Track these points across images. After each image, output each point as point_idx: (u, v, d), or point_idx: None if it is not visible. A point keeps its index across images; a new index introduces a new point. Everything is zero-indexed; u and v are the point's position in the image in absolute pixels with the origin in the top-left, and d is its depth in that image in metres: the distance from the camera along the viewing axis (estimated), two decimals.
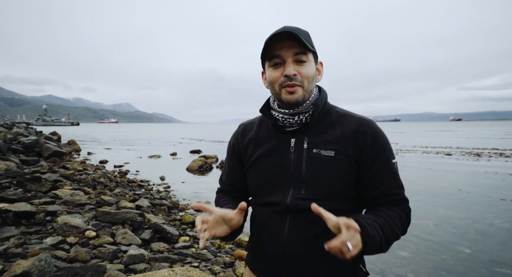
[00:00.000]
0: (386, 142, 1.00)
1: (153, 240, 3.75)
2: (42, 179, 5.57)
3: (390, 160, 0.98)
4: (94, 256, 2.98)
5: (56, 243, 3.14)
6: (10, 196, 4.38)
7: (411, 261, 3.62)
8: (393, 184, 0.97)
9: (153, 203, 5.57)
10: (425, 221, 5.09)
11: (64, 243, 3.23)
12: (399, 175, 1.00)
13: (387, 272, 3.35)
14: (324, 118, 1.01)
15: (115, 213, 4.17)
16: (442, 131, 47.76)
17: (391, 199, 0.97)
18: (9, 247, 2.87)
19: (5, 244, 2.97)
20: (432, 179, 8.92)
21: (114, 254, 3.06)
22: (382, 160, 0.97)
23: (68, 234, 3.45)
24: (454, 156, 14.38)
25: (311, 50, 0.95)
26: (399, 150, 17.75)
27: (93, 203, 4.99)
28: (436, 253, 3.84)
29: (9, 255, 2.69)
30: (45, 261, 2.37)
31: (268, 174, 1.00)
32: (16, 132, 14.58)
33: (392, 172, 0.98)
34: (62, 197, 5.02)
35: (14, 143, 10.72)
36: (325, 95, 1.05)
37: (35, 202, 4.39)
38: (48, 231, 3.57)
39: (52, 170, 7.64)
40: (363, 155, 0.96)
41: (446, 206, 5.95)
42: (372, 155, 0.96)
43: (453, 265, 3.52)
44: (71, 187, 5.92)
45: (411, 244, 4.10)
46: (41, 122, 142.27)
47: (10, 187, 4.94)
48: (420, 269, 3.41)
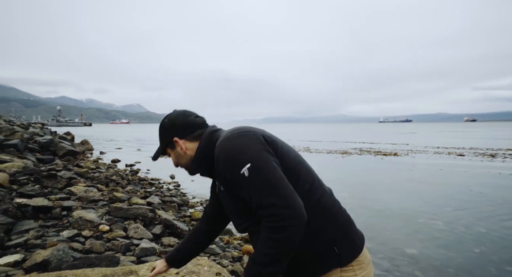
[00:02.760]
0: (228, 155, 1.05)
1: (163, 235, 3.86)
2: (58, 176, 5.78)
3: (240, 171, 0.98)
4: (108, 249, 3.10)
5: (72, 236, 3.28)
6: (29, 191, 4.57)
7: (418, 259, 3.62)
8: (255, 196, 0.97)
9: (163, 200, 5.70)
10: (434, 220, 5.06)
11: (79, 236, 3.37)
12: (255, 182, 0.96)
13: (393, 270, 3.36)
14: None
15: (127, 208, 4.30)
16: (455, 132, 46.76)
17: (259, 215, 0.97)
18: (29, 239, 3.01)
19: (25, 236, 3.12)
20: (443, 179, 8.80)
21: (127, 247, 3.18)
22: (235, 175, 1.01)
23: (83, 228, 3.59)
24: (467, 157, 14.10)
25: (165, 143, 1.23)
26: (409, 150, 17.52)
27: (106, 199, 5.15)
28: (444, 252, 3.82)
29: (29, 245, 2.83)
30: (63, 251, 2.49)
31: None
32: (32, 132, 15.02)
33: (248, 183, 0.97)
34: (77, 193, 5.19)
35: (31, 143, 11.06)
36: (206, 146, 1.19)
37: (52, 197, 4.56)
38: (64, 225, 3.72)
39: (66, 168, 7.88)
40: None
41: (457, 206, 5.89)
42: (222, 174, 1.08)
43: (461, 263, 3.51)
44: (85, 184, 6.10)
45: (418, 242, 4.10)
46: (55, 123, 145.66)
47: (28, 184, 5.14)
48: (428, 267, 3.41)
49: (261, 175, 0.95)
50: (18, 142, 9.33)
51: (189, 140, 1.18)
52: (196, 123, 1.20)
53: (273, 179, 0.94)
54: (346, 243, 1.07)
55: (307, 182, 1.08)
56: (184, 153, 1.19)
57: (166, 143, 1.21)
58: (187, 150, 1.18)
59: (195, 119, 1.21)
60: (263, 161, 0.97)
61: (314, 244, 1.04)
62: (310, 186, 1.07)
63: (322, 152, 17.39)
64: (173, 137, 1.18)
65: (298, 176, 1.06)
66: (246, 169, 0.95)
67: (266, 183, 0.94)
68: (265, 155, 0.99)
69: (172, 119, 1.20)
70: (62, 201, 4.51)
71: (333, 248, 1.04)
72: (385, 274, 3.26)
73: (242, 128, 1.10)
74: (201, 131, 1.19)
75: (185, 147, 1.18)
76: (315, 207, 1.04)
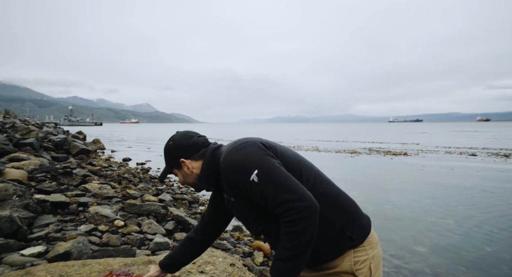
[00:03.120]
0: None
1: (176, 231, 3.97)
2: (73, 174, 5.96)
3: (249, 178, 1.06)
4: (123, 242, 3.22)
5: (89, 230, 3.41)
6: (46, 188, 4.75)
7: (428, 256, 3.63)
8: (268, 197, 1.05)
9: (174, 198, 5.82)
10: (445, 219, 5.03)
11: (96, 230, 3.49)
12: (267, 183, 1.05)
13: (402, 267, 3.38)
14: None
15: (141, 205, 4.43)
16: (468, 131, 45.87)
17: (276, 214, 1.05)
18: (49, 232, 3.15)
19: (45, 229, 3.26)
20: (454, 179, 8.70)
21: (142, 241, 3.29)
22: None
23: (99, 223, 3.72)
24: (479, 157, 13.87)
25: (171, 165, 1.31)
26: (420, 150, 17.31)
27: (119, 196, 5.29)
28: (455, 250, 3.82)
29: (50, 238, 2.97)
30: (82, 244, 2.61)
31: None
32: (46, 131, 15.42)
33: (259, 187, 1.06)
34: (91, 190, 5.35)
35: (45, 141, 11.37)
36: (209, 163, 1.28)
37: (68, 194, 4.72)
38: (81, 220, 3.85)
39: (80, 166, 8.09)
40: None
41: (468, 206, 5.83)
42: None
43: (472, 261, 3.50)
44: (99, 182, 6.27)
45: (429, 241, 4.10)
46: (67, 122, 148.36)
47: (45, 180, 5.33)
48: (438, 265, 3.42)
49: (269, 177, 1.03)
50: (34, 141, 9.60)
51: (195, 160, 1.27)
52: (199, 143, 1.28)
53: (280, 178, 1.03)
54: (355, 227, 1.17)
55: (310, 177, 1.17)
56: (191, 172, 1.28)
57: (172, 163, 1.29)
58: (194, 169, 1.27)
59: (198, 139, 1.30)
60: (267, 164, 1.06)
61: (328, 231, 1.13)
62: (313, 180, 1.17)
63: (331, 151, 17.33)
64: (179, 158, 1.27)
65: (300, 172, 1.15)
66: (254, 175, 1.04)
67: (275, 183, 1.02)
68: (268, 159, 1.09)
69: (177, 141, 1.29)
70: (78, 197, 4.67)
71: (344, 232, 1.14)
72: (395, 271, 3.29)
73: (240, 141, 1.19)
74: (204, 150, 1.28)
75: (192, 166, 1.27)
76: (322, 198, 1.13)
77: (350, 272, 1.15)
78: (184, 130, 1.35)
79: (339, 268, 1.16)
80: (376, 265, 1.19)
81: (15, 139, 8.63)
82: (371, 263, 1.17)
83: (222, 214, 1.39)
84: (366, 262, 1.16)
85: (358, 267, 1.15)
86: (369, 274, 1.16)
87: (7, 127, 11.19)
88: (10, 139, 8.29)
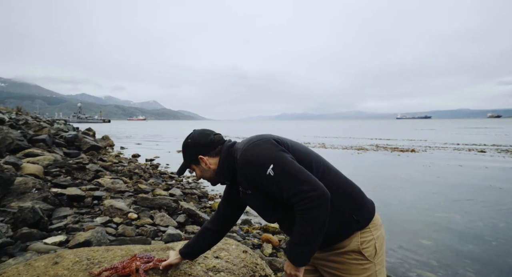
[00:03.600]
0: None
1: (187, 223, 4.10)
2: (86, 169, 6.15)
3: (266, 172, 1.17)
4: (138, 234, 3.36)
5: (105, 222, 3.56)
6: (62, 182, 4.93)
7: (434, 249, 3.69)
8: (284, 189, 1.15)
9: (184, 192, 5.96)
10: (451, 213, 5.07)
11: (111, 222, 3.64)
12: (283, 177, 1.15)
13: (409, 258, 3.45)
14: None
15: (153, 199, 4.57)
16: (477, 128, 45.19)
17: (292, 203, 1.15)
18: (68, 223, 3.30)
19: (63, 221, 3.42)
20: (462, 175, 8.68)
21: (155, 233, 3.42)
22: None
23: (114, 215, 3.87)
24: (488, 154, 13.73)
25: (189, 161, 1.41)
26: (427, 147, 17.19)
27: (131, 190, 5.45)
28: (460, 243, 3.87)
29: (69, 229, 3.12)
30: (101, 233, 2.75)
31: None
32: (57, 128, 15.75)
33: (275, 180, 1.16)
34: (104, 184, 5.52)
35: (57, 138, 11.65)
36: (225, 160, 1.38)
37: (83, 188, 4.89)
38: (96, 213, 4.01)
39: (92, 161, 8.31)
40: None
41: (475, 201, 5.85)
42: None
43: (478, 254, 3.55)
44: (111, 177, 6.45)
45: (435, 234, 4.15)
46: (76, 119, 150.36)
47: (60, 175, 5.52)
48: (443, 257, 3.48)
49: (284, 170, 1.14)
50: (47, 137, 9.85)
51: (212, 156, 1.38)
52: (215, 140, 1.38)
53: (294, 171, 1.14)
54: (362, 211, 1.30)
55: (319, 168, 1.29)
56: (208, 167, 1.39)
57: (191, 160, 1.40)
58: (211, 164, 1.38)
59: (214, 137, 1.40)
60: (281, 159, 1.17)
61: (337, 217, 1.25)
62: (322, 171, 1.29)
63: (338, 148, 17.33)
64: (197, 155, 1.37)
65: (310, 164, 1.26)
66: (270, 169, 1.15)
67: (290, 176, 1.13)
68: (281, 154, 1.20)
69: (195, 139, 1.39)
70: (92, 191, 4.84)
71: (352, 217, 1.27)
72: (400, 262, 3.37)
73: (254, 138, 1.30)
74: (220, 147, 1.38)
75: (209, 162, 1.38)
76: (331, 187, 1.23)
77: (357, 251, 1.27)
78: (201, 128, 1.45)
79: (348, 247, 1.28)
80: (380, 244, 1.32)
81: (28, 136, 8.88)
82: (376, 242, 1.29)
83: (235, 207, 1.50)
84: (372, 242, 1.28)
85: (365, 246, 1.27)
86: (374, 252, 1.29)
87: (21, 124, 11.49)
88: (24, 135, 8.52)
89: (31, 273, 1.43)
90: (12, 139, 7.05)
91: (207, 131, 1.42)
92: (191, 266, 1.53)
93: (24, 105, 23.20)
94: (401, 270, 3.21)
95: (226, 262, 1.62)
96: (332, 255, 1.32)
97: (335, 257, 1.31)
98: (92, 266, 1.52)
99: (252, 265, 1.70)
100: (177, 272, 1.47)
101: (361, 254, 1.27)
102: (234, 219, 1.54)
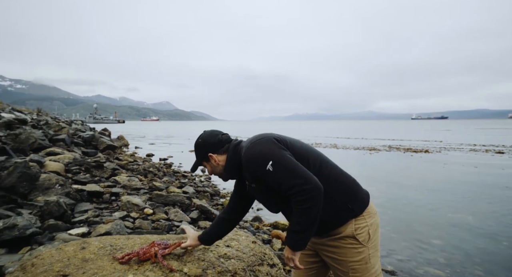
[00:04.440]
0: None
1: (200, 219, 4.26)
2: (104, 167, 6.42)
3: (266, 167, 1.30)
4: (153, 227, 3.53)
5: (123, 216, 3.75)
6: (82, 179, 5.18)
7: (443, 248, 3.71)
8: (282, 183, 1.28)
9: (197, 190, 6.14)
10: (463, 214, 5.04)
11: (128, 217, 3.83)
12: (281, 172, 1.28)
13: (416, 255, 3.49)
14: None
15: (167, 195, 4.76)
16: (496, 129, 43.79)
17: (289, 195, 1.28)
18: (89, 217, 3.51)
19: (85, 215, 3.63)
20: (477, 176, 8.53)
21: (170, 227, 3.59)
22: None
23: (131, 211, 4.07)
24: (506, 155, 13.37)
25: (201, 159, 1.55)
26: (442, 148, 16.87)
27: (146, 188, 5.67)
28: (470, 243, 3.87)
29: (90, 222, 3.32)
30: (119, 226, 2.93)
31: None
32: (75, 128, 16.32)
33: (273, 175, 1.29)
34: (121, 182, 5.76)
35: (76, 138, 12.11)
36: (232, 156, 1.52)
37: (101, 185, 5.13)
38: (114, 208, 4.22)
39: (109, 160, 8.63)
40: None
41: (489, 203, 5.77)
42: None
43: (488, 254, 3.55)
44: (127, 175, 6.70)
45: (445, 234, 4.15)
46: (92, 120, 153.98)
47: (80, 173, 5.80)
48: (452, 256, 3.50)
49: (282, 166, 1.28)
50: (66, 137, 10.26)
51: (220, 154, 1.52)
52: (223, 140, 1.53)
53: (290, 167, 1.27)
54: (356, 200, 1.43)
55: (316, 163, 1.42)
56: (217, 164, 1.53)
57: (202, 158, 1.55)
58: (220, 161, 1.53)
59: (222, 136, 1.55)
60: (279, 156, 1.31)
61: (333, 206, 1.39)
62: (319, 165, 1.42)
63: (349, 148, 17.23)
64: (208, 153, 1.52)
65: (307, 160, 1.40)
66: (270, 165, 1.29)
67: (287, 171, 1.26)
68: (280, 151, 1.33)
69: (205, 138, 1.54)
70: (110, 188, 5.07)
71: (347, 205, 1.41)
72: (408, 259, 3.41)
73: (257, 137, 1.44)
74: (228, 145, 1.52)
75: (218, 159, 1.52)
76: (328, 179, 1.39)
77: (352, 236, 1.41)
78: (210, 129, 1.61)
79: (343, 233, 1.42)
80: (374, 230, 1.44)
81: (49, 135, 9.29)
82: (369, 229, 1.43)
83: (245, 198, 1.65)
84: (365, 228, 1.42)
85: (359, 232, 1.41)
86: (367, 237, 1.42)
87: (42, 124, 12.00)
88: (46, 135, 8.93)
89: (62, 256, 1.60)
90: (35, 138, 7.42)
91: (216, 132, 1.57)
92: (204, 253, 1.66)
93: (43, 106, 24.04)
94: (408, 266, 3.25)
95: (237, 251, 1.74)
96: (330, 240, 1.46)
97: (333, 242, 1.45)
98: (115, 251, 1.67)
99: (261, 254, 1.83)
100: (192, 257, 1.60)
101: (355, 239, 1.40)
102: (245, 209, 1.70)
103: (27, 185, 3.79)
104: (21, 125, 9.85)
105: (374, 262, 1.44)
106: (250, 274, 1.66)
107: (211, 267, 1.54)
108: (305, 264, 1.59)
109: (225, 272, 1.55)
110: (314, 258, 1.59)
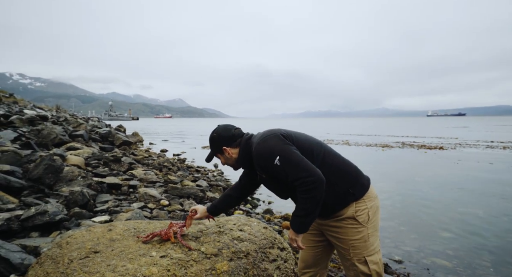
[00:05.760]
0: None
1: None
2: (121, 161, 6.69)
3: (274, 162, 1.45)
4: (170, 217, 3.72)
5: (141, 207, 3.96)
6: (101, 172, 5.45)
7: (452, 241, 3.75)
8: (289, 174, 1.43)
9: (210, 184, 6.32)
10: (474, 209, 5.03)
11: (146, 207, 4.04)
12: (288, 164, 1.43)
13: (425, 247, 3.55)
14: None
15: (182, 188, 4.95)
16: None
17: (294, 186, 1.43)
18: (110, 207, 3.73)
19: (105, 205, 3.86)
20: (491, 173, 8.38)
21: (185, 217, 3.76)
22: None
23: (148, 202, 4.27)
24: None
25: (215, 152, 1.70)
26: (458, 144, 16.54)
27: (162, 181, 5.89)
28: (480, 237, 3.89)
29: (111, 211, 3.53)
30: (139, 215, 3.13)
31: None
32: (93, 125, 16.86)
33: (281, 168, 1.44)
34: (138, 176, 6.00)
35: (93, 134, 12.54)
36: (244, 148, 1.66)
37: (119, 178, 5.38)
38: (132, 199, 4.44)
39: (125, 155, 8.94)
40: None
41: (502, 199, 5.71)
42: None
43: (496, 247, 3.57)
44: (143, 169, 6.96)
45: (455, 228, 4.18)
46: (108, 117, 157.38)
47: (99, 166, 6.08)
48: (460, 248, 3.54)
49: (288, 160, 1.43)
50: (84, 133, 10.66)
51: (233, 147, 1.67)
52: (236, 134, 1.67)
53: (296, 161, 1.42)
54: (357, 185, 1.58)
55: (320, 154, 1.58)
56: (230, 156, 1.69)
57: (216, 150, 1.70)
58: (233, 154, 1.68)
59: (235, 131, 1.69)
60: (286, 151, 1.45)
61: (336, 191, 1.55)
62: (323, 155, 1.58)
63: (362, 145, 17.11)
64: (222, 146, 1.67)
65: (312, 152, 1.55)
66: (277, 160, 1.44)
67: (293, 165, 1.42)
68: (286, 147, 1.47)
69: (219, 132, 1.68)
70: (128, 181, 5.31)
71: (348, 190, 1.56)
72: (416, 251, 3.47)
73: (266, 133, 1.58)
74: (240, 139, 1.67)
75: (231, 152, 1.68)
76: (331, 167, 1.55)
77: (352, 217, 1.57)
78: (224, 124, 1.77)
79: (345, 215, 1.58)
80: (373, 213, 1.59)
81: (69, 131, 9.67)
82: (369, 211, 1.57)
83: (252, 181, 1.83)
84: (365, 210, 1.57)
85: (359, 214, 1.56)
86: (367, 218, 1.57)
87: (61, 121, 12.48)
88: (65, 131, 9.31)
89: (92, 236, 1.77)
90: (56, 134, 7.78)
91: (229, 126, 1.72)
92: (219, 235, 1.80)
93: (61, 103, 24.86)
94: (416, 257, 3.32)
95: (249, 234, 1.88)
96: (333, 221, 1.62)
97: (335, 222, 1.61)
98: (138, 233, 1.84)
99: (272, 238, 1.96)
100: (208, 238, 1.75)
101: (355, 220, 1.56)
102: (251, 190, 1.87)
103: (52, 176, 4.05)
104: (42, 121, 10.31)
105: (373, 241, 1.59)
106: (262, 255, 1.79)
107: (226, 247, 1.68)
108: (312, 243, 1.78)
109: (238, 252, 1.69)
110: (320, 238, 1.76)
